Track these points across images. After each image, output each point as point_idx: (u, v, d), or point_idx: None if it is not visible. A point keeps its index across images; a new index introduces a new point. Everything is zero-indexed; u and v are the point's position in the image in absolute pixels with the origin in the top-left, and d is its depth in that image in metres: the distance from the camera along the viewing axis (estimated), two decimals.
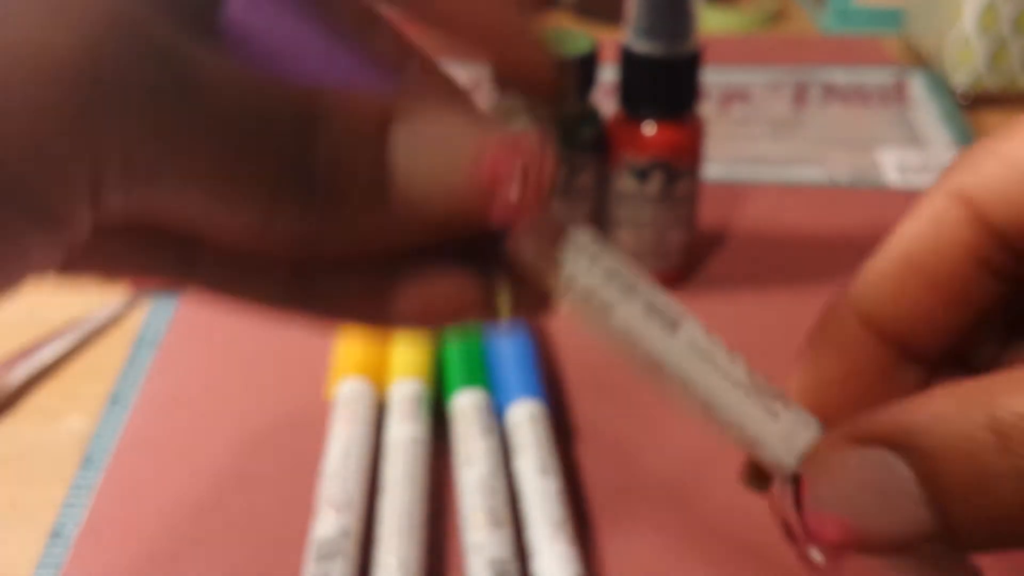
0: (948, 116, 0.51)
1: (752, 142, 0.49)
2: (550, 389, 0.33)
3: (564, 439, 0.31)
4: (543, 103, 0.26)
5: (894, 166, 0.47)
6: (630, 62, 0.35)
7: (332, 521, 0.26)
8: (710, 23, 0.64)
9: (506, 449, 0.30)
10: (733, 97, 0.54)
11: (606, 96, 0.47)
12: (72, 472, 0.31)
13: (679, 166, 0.36)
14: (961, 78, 0.52)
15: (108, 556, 0.27)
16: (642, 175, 0.36)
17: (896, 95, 0.54)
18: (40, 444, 0.32)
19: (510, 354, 0.32)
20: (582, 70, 0.35)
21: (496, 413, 0.31)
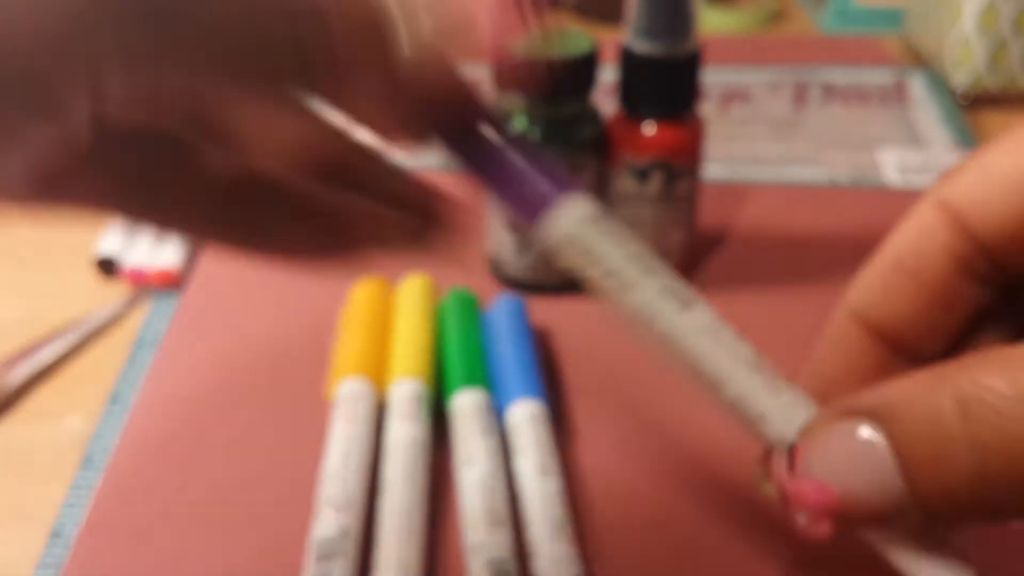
0: (948, 116, 0.51)
1: (752, 142, 0.49)
2: (550, 389, 0.33)
3: (564, 439, 0.31)
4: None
5: (894, 166, 0.47)
6: (630, 62, 0.35)
7: (332, 521, 0.26)
8: (710, 23, 0.64)
9: (506, 449, 0.30)
10: (733, 97, 0.54)
11: (606, 96, 0.47)
12: (72, 472, 0.31)
13: (679, 166, 0.36)
14: (961, 78, 0.52)
15: (108, 556, 0.28)
16: (642, 175, 0.36)
17: (896, 95, 0.54)
18: (40, 444, 0.32)
19: (510, 354, 0.32)
20: (582, 70, 0.35)
21: (496, 413, 0.31)
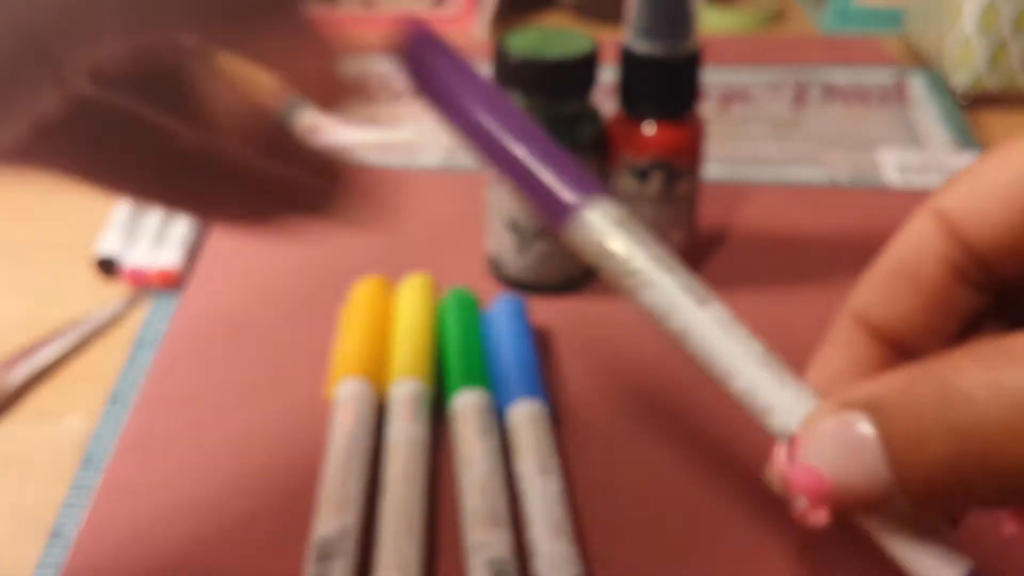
0: (948, 116, 0.51)
1: (752, 142, 0.49)
2: (550, 389, 0.33)
3: (564, 439, 0.31)
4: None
5: (894, 166, 0.47)
6: (630, 62, 0.35)
7: (332, 521, 0.26)
8: (710, 23, 0.64)
9: (506, 449, 0.30)
10: (733, 97, 0.54)
11: (606, 96, 0.47)
12: (72, 472, 0.31)
13: (679, 166, 0.36)
14: (961, 78, 0.52)
15: (108, 556, 0.27)
16: (642, 175, 0.36)
17: (896, 95, 0.54)
18: (40, 444, 0.32)
19: (510, 354, 0.32)
20: (582, 70, 0.35)
21: (496, 413, 0.31)
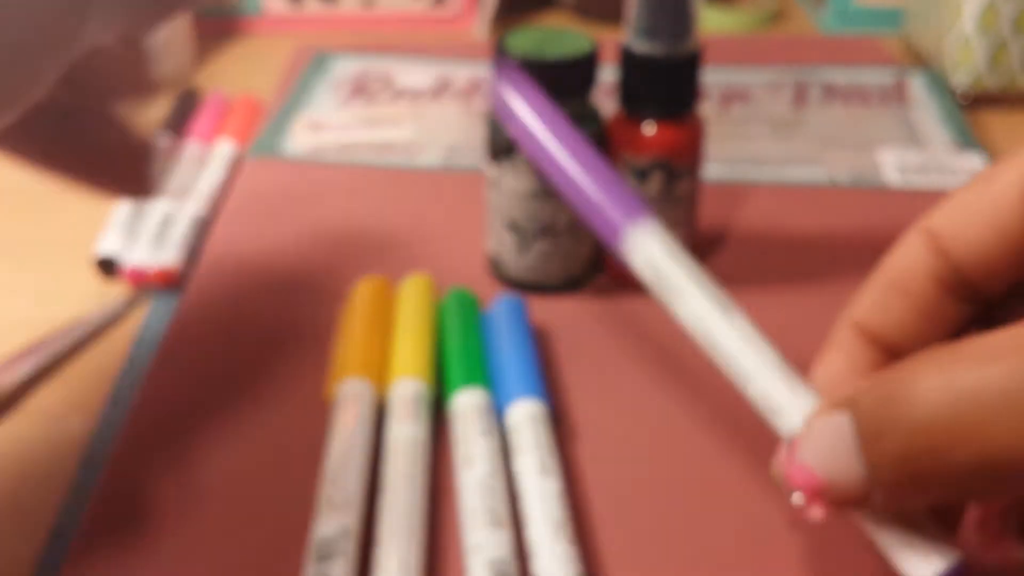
0: (948, 116, 0.51)
1: (752, 142, 0.49)
2: (550, 389, 0.33)
3: (564, 439, 0.31)
4: None
5: (894, 166, 0.47)
6: (630, 62, 0.35)
7: (332, 521, 0.26)
8: (710, 23, 0.64)
9: (506, 449, 0.30)
10: (733, 97, 0.54)
11: (606, 96, 0.47)
12: (72, 472, 0.31)
13: (679, 166, 0.36)
14: (961, 78, 0.52)
15: (108, 556, 0.28)
16: (642, 175, 0.36)
17: (896, 95, 0.54)
18: (40, 444, 0.32)
19: (510, 354, 0.32)
20: (582, 70, 0.35)
21: (496, 413, 0.31)
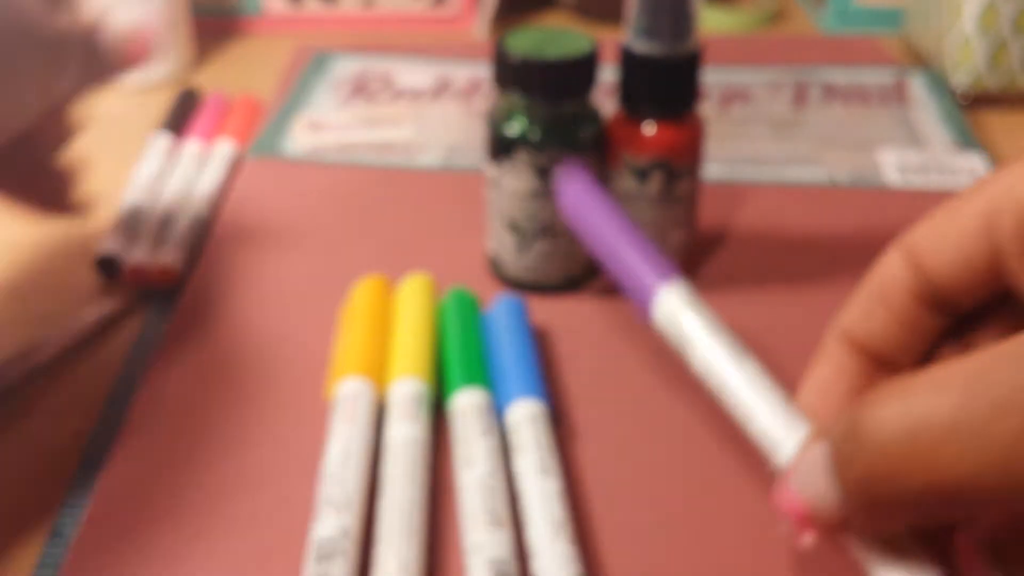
0: (948, 116, 0.51)
1: (752, 142, 0.49)
2: (550, 389, 0.33)
3: (564, 439, 0.31)
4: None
5: (894, 166, 0.47)
6: (630, 62, 0.35)
7: (332, 521, 0.26)
8: (710, 23, 0.64)
9: (506, 449, 0.30)
10: (733, 97, 0.54)
11: (606, 96, 0.47)
12: (72, 472, 0.31)
13: (679, 166, 0.36)
14: (961, 78, 0.52)
15: (108, 556, 0.28)
16: (642, 175, 0.36)
17: (896, 95, 0.54)
18: (40, 444, 0.32)
19: (510, 354, 0.32)
20: (582, 70, 0.35)
21: (496, 413, 0.31)
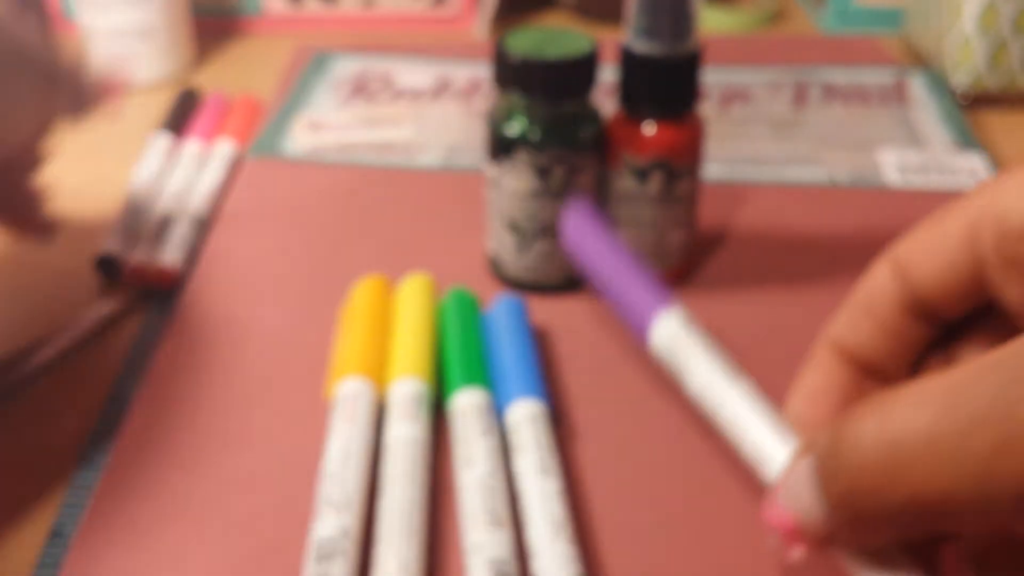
0: (948, 116, 0.51)
1: (752, 142, 0.49)
2: (550, 389, 0.33)
3: (564, 439, 0.31)
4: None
5: (894, 166, 0.47)
6: (630, 62, 0.35)
7: (332, 521, 0.26)
8: (710, 23, 0.64)
9: (506, 449, 0.30)
10: (733, 97, 0.54)
11: (606, 96, 0.47)
12: (72, 472, 0.31)
13: (679, 166, 0.36)
14: (961, 78, 0.52)
15: (108, 556, 0.28)
16: (642, 175, 0.36)
17: (896, 95, 0.54)
18: (40, 444, 0.32)
19: (510, 354, 0.32)
20: (582, 70, 0.35)
21: (496, 413, 0.31)
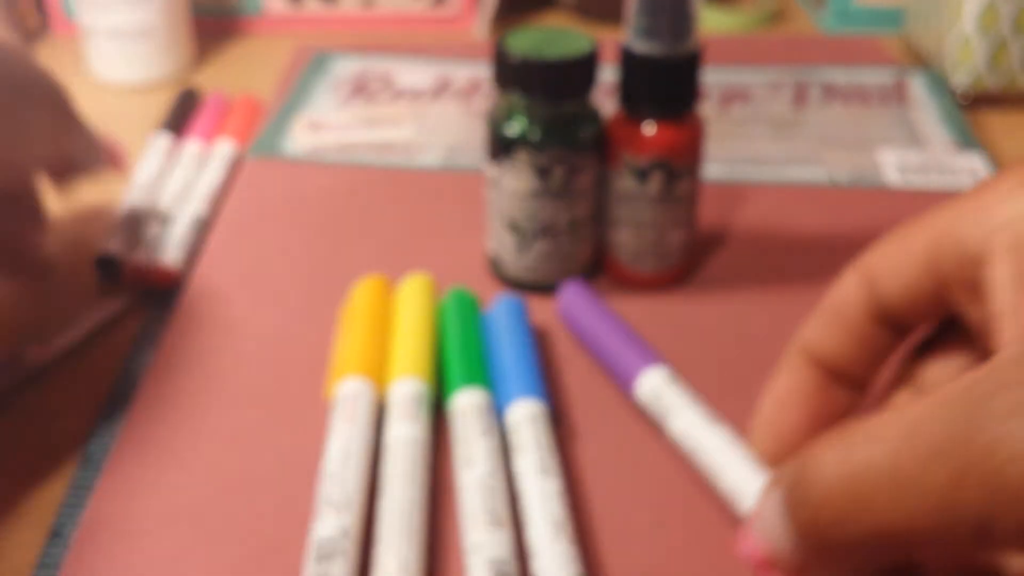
0: (948, 116, 0.51)
1: (752, 142, 0.49)
2: (550, 389, 0.33)
3: (564, 439, 0.31)
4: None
5: (894, 166, 0.47)
6: (630, 62, 0.35)
7: (332, 521, 0.26)
8: (710, 23, 0.64)
9: (506, 449, 0.30)
10: (733, 97, 0.54)
11: (606, 96, 0.47)
12: (71, 472, 0.31)
13: (679, 166, 0.36)
14: (961, 78, 0.52)
15: (108, 556, 0.28)
16: (642, 175, 0.36)
17: (896, 95, 0.54)
18: (40, 444, 0.32)
19: (510, 354, 0.32)
20: (582, 70, 0.35)
21: (496, 413, 0.31)
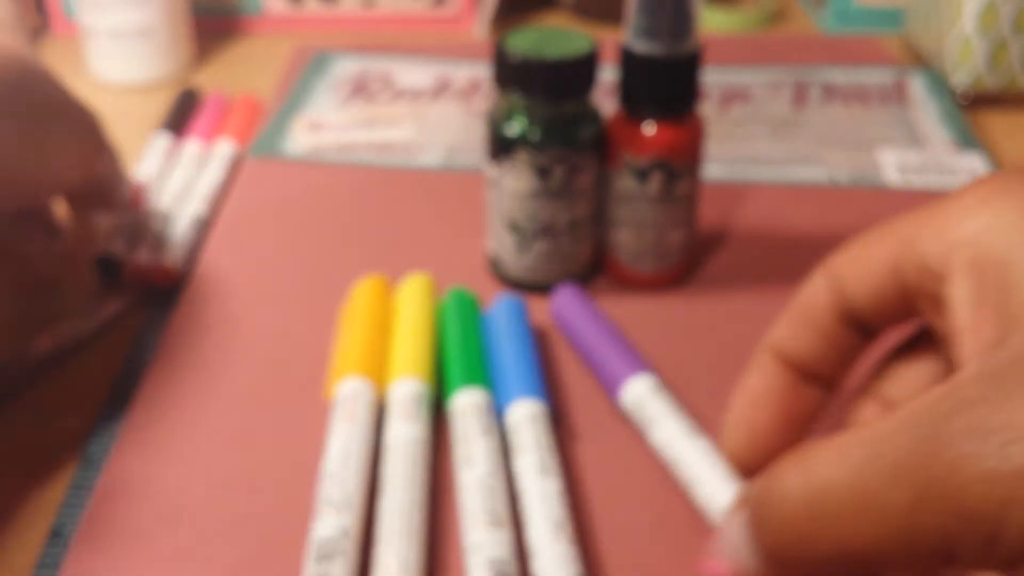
0: (948, 116, 0.51)
1: (752, 142, 0.49)
2: (550, 389, 0.33)
3: (564, 439, 0.31)
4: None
5: (894, 166, 0.47)
6: (630, 62, 0.35)
7: (332, 521, 0.26)
8: (710, 23, 0.64)
9: (506, 449, 0.30)
10: (733, 97, 0.54)
11: (606, 96, 0.47)
12: (72, 472, 0.31)
13: (679, 166, 0.36)
14: (961, 78, 0.52)
15: (108, 556, 0.28)
16: (642, 175, 0.36)
17: (896, 95, 0.54)
18: (40, 444, 0.32)
19: (510, 354, 0.32)
20: (582, 70, 0.35)
21: (496, 413, 0.31)
